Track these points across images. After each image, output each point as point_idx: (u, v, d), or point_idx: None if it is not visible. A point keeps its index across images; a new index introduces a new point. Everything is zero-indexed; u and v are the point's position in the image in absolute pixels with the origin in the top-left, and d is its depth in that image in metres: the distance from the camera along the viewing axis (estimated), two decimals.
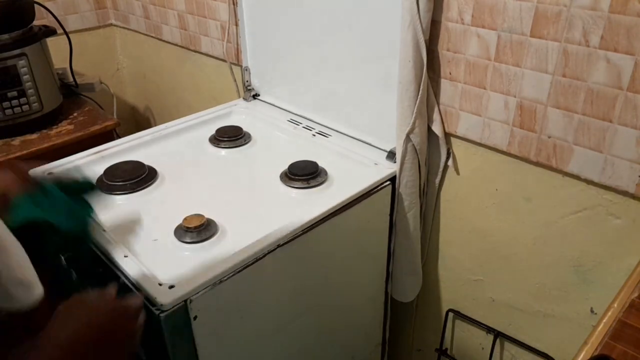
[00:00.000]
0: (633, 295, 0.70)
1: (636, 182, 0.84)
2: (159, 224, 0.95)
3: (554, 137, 0.91)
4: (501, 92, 0.94)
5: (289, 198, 1.03)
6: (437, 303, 1.28)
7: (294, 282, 0.97)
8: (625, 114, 0.81)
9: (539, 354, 1.12)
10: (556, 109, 0.89)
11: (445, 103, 1.03)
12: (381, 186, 1.06)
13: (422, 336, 1.38)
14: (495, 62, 0.93)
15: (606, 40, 0.79)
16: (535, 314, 1.09)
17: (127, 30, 1.95)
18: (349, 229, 1.04)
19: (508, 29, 0.89)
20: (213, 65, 1.62)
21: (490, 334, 1.19)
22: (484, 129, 0.99)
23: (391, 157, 1.10)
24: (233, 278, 0.82)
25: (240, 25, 1.38)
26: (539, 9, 0.84)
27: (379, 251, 1.17)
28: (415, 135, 1.02)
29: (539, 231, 1.01)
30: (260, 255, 0.85)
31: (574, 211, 0.95)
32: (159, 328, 0.76)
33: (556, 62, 0.86)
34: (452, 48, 0.97)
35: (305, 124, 1.29)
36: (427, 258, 1.23)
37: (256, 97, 1.45)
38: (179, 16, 1.65)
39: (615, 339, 0.63)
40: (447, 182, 1.12)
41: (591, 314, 1.00)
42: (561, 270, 1.01)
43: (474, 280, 1.17)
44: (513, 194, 1.02)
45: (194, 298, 0.78)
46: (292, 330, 1.02)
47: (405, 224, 1.12)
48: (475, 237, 1.12)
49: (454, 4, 0.94)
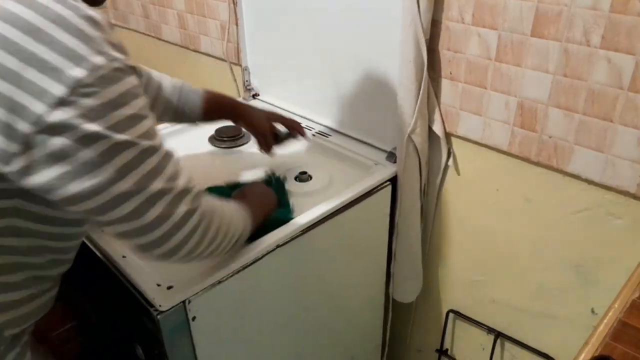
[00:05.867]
0: (634, 296, 0.70)
1: (637, 182, 0.84)
2: None
3: (554, 137, 0.90)
4: (502, 91, 0.94)
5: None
6: (437, 303, 1.28)
7: (294, 283, 0.97)
8: (626, 113, 0.81)
9: (539, 354, 1.12)
10: (557, 109, 0.88)
11: (445, 103, 1.03)
12: (381, 186, 1.06)
13: (423, 337, 1.38)
14: (496, 62, 0.93)
15: (607, 40, 0.79)
16: (536, 314, 1.09)
17: (127, 29, 1.95)
18: (349, 230, 1.03)
19: (509, 29, 0.89)
20: (213, 65, 1.62)
21: (490, 335, 1.19)
22: (485, 129, 0.99)
23: (391, 157, 1.10)
24: (232, 279, 0.82)
25: (240, 24, 1.38)
26: (540, 8, 0.84)
27: (379, 252, 1.17)
28: (416, 135, 1.02)
29: (539, 231, 1.01)
30: (259, 256, 0.85)
31: (575, 211, 0.94)
32: (158, 329, 0.76)
33: (557, 62, 0.85)
34: (453, 48, 0.97)
35: (305, 124, 1.29)
36: (427, 258, 1.23)
37: (256, 97, 1.45)
38: (178, 16, 1.65)
39: (616, 340, 0.63)
40: (448, 182, 1.12)
41: (592, 314, 1.00)
42: (562, 270, 1.00)
43: (475, 281, 1.17)
44: (514, 194, 1.02)
45: (193, 299, 0.78)
46: (291, 331, 1.02)
47: (405, 225, 1.12)
48: (475, 237, 1.12)
49: (455, 4, 0.93)
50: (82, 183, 0.53)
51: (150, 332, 0.79)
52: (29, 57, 0.49)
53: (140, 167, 0.56)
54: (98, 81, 0.51)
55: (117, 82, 0.53)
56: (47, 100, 0.49)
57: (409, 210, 1.10)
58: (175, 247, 0.63)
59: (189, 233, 0.63)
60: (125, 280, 0.81)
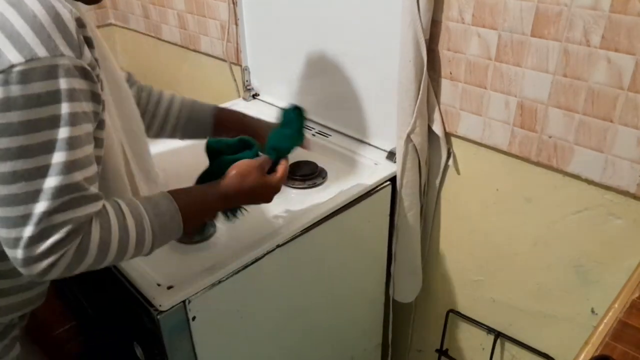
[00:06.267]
0: (634, 296, 0.70)
1: (637, 182, 0.84)
2: None
3: (554, 137, 0.90)
4: (502, 91, 0.94)
5: (289, 198, 1.03)
6: (437, 303, 1.28)
7: (293, 283, 0.97)
8: (626, 113, 0.81)
9: (539, 354, 1.11)
10: (557, 109, 0.88)
11: (445, 103, 1.03)
12: (381, 186, 1.06)
13: (423, 337, 1.38)
14: (496, 62, 0.93)
15: (607, 40, 0.79)
16: (536, 314, 1.09)
17: (127, 29, 1.95)
18: (349, 230, 1.03)
19: (509, 29, 0.89)
20: (213, 65, 1.62)
21: (490, 335, 1.19)
22: (485, 128, 0.99)
23: (391, 157, 1.10)
24: (232, 279, 0.82)
25: (240, 24, 1.38)
26: (540, 8, 0.84)
27: (379, 252, 1.17)
28: (416, 135, 1.02)
29: (539, 231, 1.01)
30: (259, 256, 0.85)
31: (575, 211, 0.94)
32: (158, 329, 0.76)
33: (557, 62, 0.85)
34: (453, 48, 0.97)
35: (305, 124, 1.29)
36: (427, 258, 1.23)
37: (256, 96, 1.45)
38: (178, 16, 1.65)
39: (616, 340, 0.63)
40: (448, 182, 1.12)
41: (592, 314, 1.00)
42: (562, 270, 1.00)
43: (475, 281, 1.17)
44: (514, 194, 1.02)
45: (193, 299, 0.78)
46: (291, 331, 1.02)
47: (405, 224, 1.12)
48: (475, 237, 1.12)
49: (455, 4, 0.93)
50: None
51: (150, 332, 0.79)
52: None
53: (33, 171, 0.55)
54: (32, 72, 0.52)
55: (53, 79, 0.53)
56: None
57: (408, 210, 1.10)
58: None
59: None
60: (126, 280, 0.81)
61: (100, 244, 0.61)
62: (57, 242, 0.57)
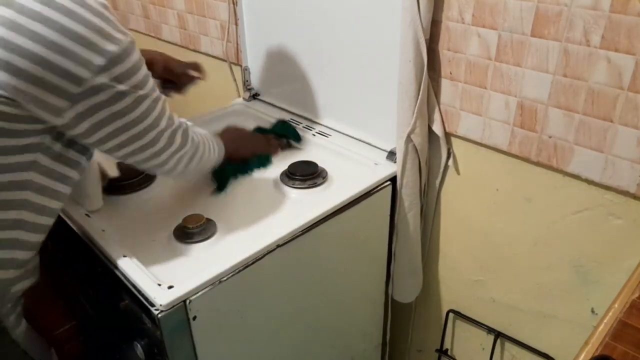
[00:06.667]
0: (634, 296, 0.70)
1: (637, 182, 0.84)
2: (159, 224, 0.95)
3: (554, 137, 0.90)
4: (502, 91, 0.94)
5: (289, 198, 1.03)
6: (437, 303, 1.28)
7: (294, 283, 0.97)
8: (626, 113, 0.81)
9: (539, 354, 1.12)
10: (557, 109, 0.88)
11: (445, 103, 1.03)
12: (381, 186, 1.06)
13: (423, 337, 1.38)
14: (496, 62, 0.93)
15: (607, 40, 0.79)
16: (536, 314, 1.09)
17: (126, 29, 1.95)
18: (349, 230, 1.03)
19: (509, 29, 0.89)
20: (213, 65, 1.62)
21: (490, 335, 1.19)
22: (485, 128, 0.99)
23: (391, 157, 1.10)
24: (232, 278, 0.82)
25: (240, 24, 1.38)
26: (540, 8, 0.84)
27: (379, 252, 1.17)
28: (416, 135, 1.02)
29: (539, 231, 1.01)
30: (259, 256, 0.85)
31: (575, 211, 0.94)
32: (158, 328, 0.76)
33: (557, 62, 0.85)
34: (453, 48, 0.97)
35: (305, 124, 1.29)
36: (427, 258, 1.23)
37: (256, 97, 1.45)
38: (178, 16, 1.65)
39: (616, 340, 0.63)
40: (448, 182, 1.12)
41: (592, 314, 1.00)
42: (562, 270, 1.00)
43: (475, 281, 1.17)
44: (514, 194, 1.02)
45: (193, 298, 0.78)
46: (291, 331, 1.02)
47: (405, 224, 1.12)
48: (475, 237, 1.12)
49: (455, 4, 0.93)
50: (115, 124, 0.72)
51: (151, 332, 0.79)
52: (72, 34, 0.63)
53: (154, 111, 0.76)
54: (124, 53, 0.69)
55: (133, 53, 0.72)
56: (91, 68, 0.65)
57: (409, 210, 1.10)
58: (172, 166, 0.85)
59: (181, 156, 0.85)
60: (126, 280, 0.81)
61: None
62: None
